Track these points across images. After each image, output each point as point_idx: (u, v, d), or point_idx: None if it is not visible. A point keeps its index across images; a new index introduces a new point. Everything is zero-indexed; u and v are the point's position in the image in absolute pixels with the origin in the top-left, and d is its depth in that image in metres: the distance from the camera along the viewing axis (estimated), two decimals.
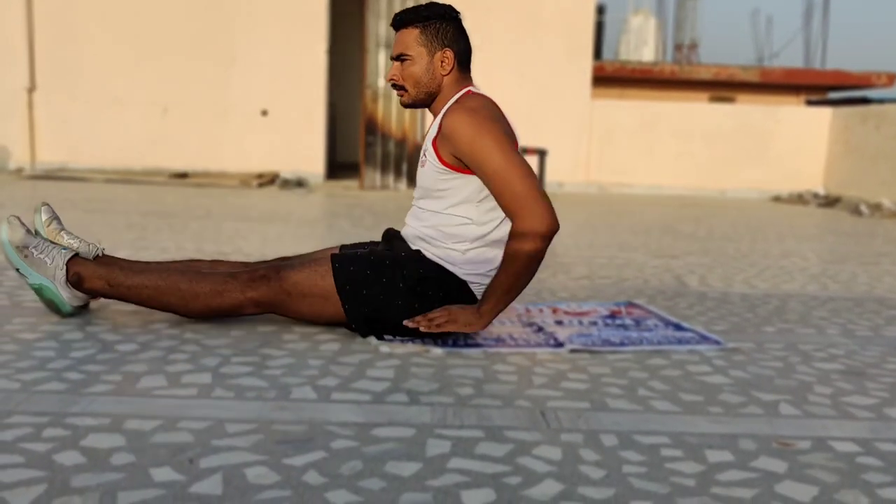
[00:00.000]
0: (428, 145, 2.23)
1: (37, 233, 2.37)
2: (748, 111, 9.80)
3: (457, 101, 2.20)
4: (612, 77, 14.85)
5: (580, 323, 2.53)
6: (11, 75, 8.54)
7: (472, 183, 2.18)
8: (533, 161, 7.39)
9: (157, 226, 4.59)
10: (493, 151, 2.07)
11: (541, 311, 2.69)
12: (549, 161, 8.24)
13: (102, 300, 2.46)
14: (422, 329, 2.17)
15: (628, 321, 2.56)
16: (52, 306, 2.30)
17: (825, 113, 9.54)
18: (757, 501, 1.32)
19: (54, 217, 2.42)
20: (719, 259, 4.16)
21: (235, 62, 8.63)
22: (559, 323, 2.52)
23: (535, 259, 2.10)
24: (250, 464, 1.38)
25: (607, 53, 20.87)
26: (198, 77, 8.65)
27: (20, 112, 8.61)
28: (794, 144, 9.43)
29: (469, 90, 2.24)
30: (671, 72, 15.35)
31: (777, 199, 9.13)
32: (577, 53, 8.94)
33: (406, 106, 2.27)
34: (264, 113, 8.70)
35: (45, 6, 8.53)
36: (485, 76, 2.33)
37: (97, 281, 2.25)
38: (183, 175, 8.32)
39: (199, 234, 4.29)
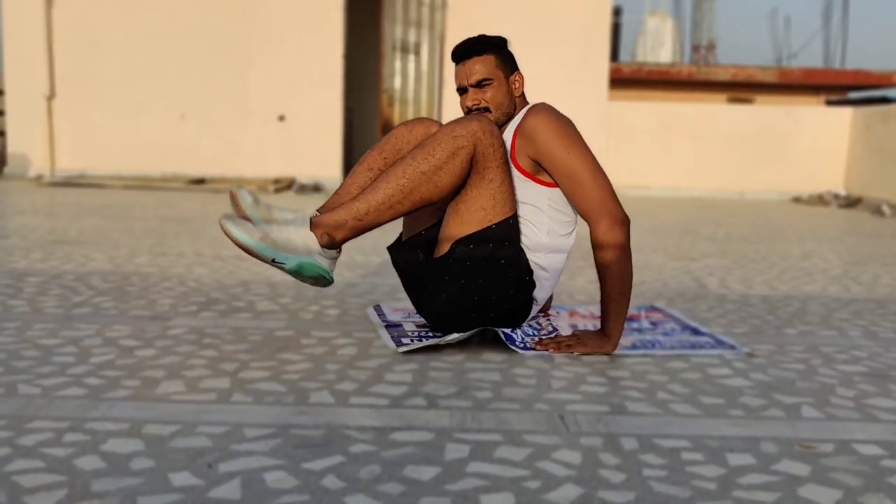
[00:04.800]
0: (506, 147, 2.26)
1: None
2: (767, 112, 9.73)
3: (533, 106, 2.26)
4: (629, 79, 14.80)
5: (595, 326, 2.51)
6: (31, 83, 8.62)
7: (542, 194, 2.24)
8: None
9: (175, 231, 4.62)
10: (573, 147, 2.17)
11: (558, 314, 2.67)
12: None
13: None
14: (551, 351, 2.19)
15: (645, 324, 2.55)
16: (318, 281, 2.16)
17: (845, 113, 9.46)
18: None
19: (255, 198, 2.22)
20: (739, 261, 4.13)
21: (252, 68, 8.68)
22: (574, 326, 2.51)
23: (625, 252, 2.15)
24: (269, 468, 1.38)
25: (624, 55, 20.82)
26: (215, 83, 8.70)
27: (40, 120, 8.69)
28: (814, 145, 9.36)
29: (539, 103, 2.30)
30: (689, 73, 15.28)
31: (797, 200, 9.06)
32: (593, 55, 8.92)
33: None
34: (281, 118, 8.74)
35: (64, 15, 8.61)
36: None
37: (346, 227, 2.13)
38: (200, 181, 8.37)
39: (217, 239, 4.31)
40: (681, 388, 1.92)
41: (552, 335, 2.34)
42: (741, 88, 15.51)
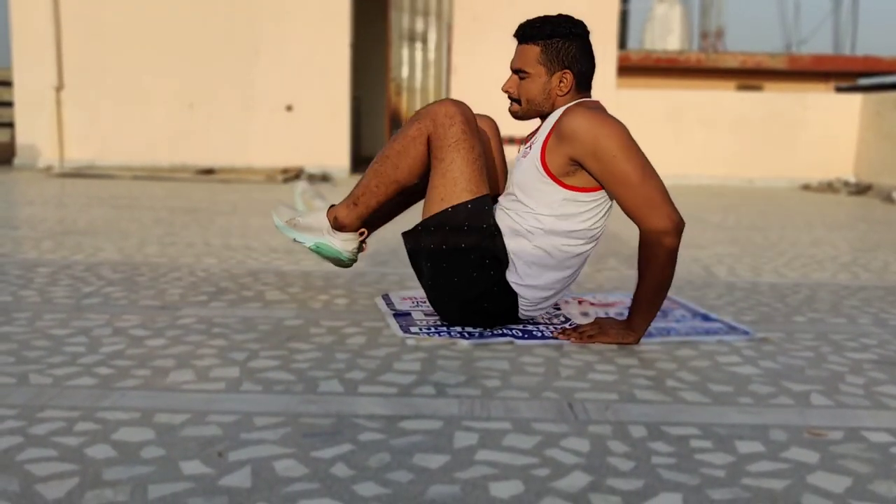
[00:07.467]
0: (538, 141, 2.19)
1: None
2: (776, 99, 9.68)
3: (573, 106, 2.16)
4: (637, 66, 14.72)
5: (606, 314, 2.52)
6: (40, 74, 8.64)
7: (559, 193, 2.14)
8: None
9: (183, 221, 4.63)
10: (619, 151, 2.04)
11: (566, 302, 2.67)
12: None
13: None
14: (572, 341, 2.16)
15: None
16: (334, 261, 2.46)
17: (855, 99, 9.40)
18: (789, 493, 1.30)
19: (308, 188, 2.58)
20: (748, 248, 4.12)
21: (259, 58, 8.67)
22: (585, 314, 2.51)
23: (670, 257, 2.05)
24: (279, 457, 1.39)
25: (632, 42, 20.71)
26: (223, 73, 8.70)
27: (49, 110, 8.71)
28: (824, 132, 9.30)
29: (585, 99, 2.23)
30: (697, 60, 15.18)
31: (806, 187, 9.01)
32: (601, 43, 8.84)
33: (516, 117, 2.26)
34: (289, 108, 8.74)
35: (72, 5, 8.62)
36: (507, 68, 2.33)
37: (349, 210, 2.36)
38: (209, 171, 8.38)
39: (226, 229, 4.32)
40: (689, 375, 1.92)
41: (564, 323, 2.35)
42: (750, 75, 15.40)
